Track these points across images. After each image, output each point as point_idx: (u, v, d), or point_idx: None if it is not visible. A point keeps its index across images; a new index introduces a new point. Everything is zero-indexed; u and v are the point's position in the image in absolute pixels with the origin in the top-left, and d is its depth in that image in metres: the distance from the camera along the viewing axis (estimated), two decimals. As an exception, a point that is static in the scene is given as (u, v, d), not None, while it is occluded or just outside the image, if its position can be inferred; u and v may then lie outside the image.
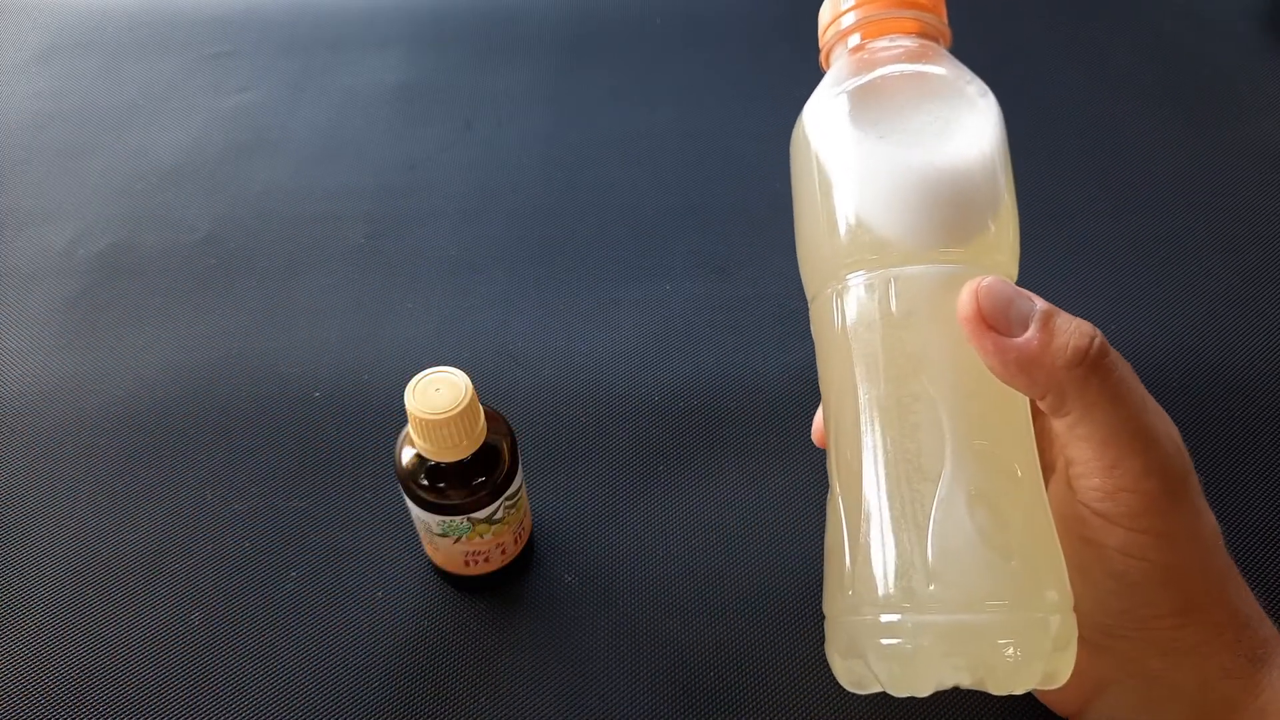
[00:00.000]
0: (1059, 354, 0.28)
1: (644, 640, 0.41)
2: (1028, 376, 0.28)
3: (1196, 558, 0.30)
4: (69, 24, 0.73)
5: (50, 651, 0.41)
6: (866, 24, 0.32)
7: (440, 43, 0.71)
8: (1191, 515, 0.30)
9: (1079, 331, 0.28)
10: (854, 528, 0.31)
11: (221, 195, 0.61)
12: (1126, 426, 0.29)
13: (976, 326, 0.28)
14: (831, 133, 0.32)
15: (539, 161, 0.62)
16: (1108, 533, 0.29)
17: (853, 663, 0.30)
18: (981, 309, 0.28)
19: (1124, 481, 0.29)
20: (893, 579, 0.29)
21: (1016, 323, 0.28)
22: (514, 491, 0.39)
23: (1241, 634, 0.30)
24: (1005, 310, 0.28)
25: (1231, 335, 0.52)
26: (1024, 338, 0.28)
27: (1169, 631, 0.30)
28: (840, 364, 0.32)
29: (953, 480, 0.29)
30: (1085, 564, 0.30)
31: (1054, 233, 0.57)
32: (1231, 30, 0.70)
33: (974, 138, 0.31)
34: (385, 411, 0.49)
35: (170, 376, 0.51)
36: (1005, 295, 0.28)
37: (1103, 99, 0.65)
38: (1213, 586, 0.30)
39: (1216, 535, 0.31)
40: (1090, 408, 0.28)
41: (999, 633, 0.28)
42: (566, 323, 0.53)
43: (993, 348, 0.28)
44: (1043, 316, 0.28)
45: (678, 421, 0.49)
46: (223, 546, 0.45)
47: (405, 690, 0.40)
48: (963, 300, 0.28)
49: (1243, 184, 0.60)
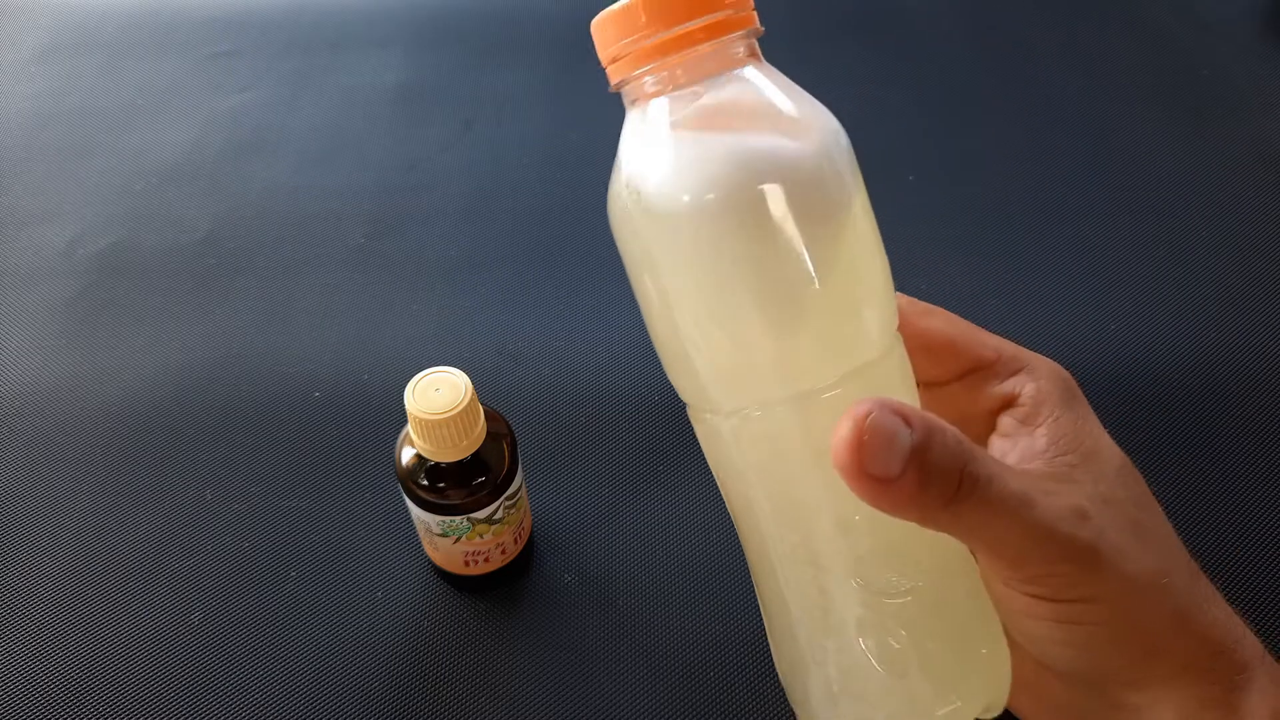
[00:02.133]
0: (932, 498, 0.26)
1: (643, 639, 0.41)
2: (901, 513, 0.27)
3: (1141, 608, 0.29)
4: (69, 24, 0.73)
5: (50, 651, 0.41)
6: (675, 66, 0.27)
7: (440, 43, 0.71)
8: (1116, 577, 0.29)
9: (950, 464, 0.27)
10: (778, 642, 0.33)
11: (221, 195, 0.61)
12: (1012, 534, 0.28)
13: (854, 473, 0.26)
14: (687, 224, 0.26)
15: (539, 161, 0.62)
16: (1043, 608, 0.29)
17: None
18: (862, 457, 0.25)
19: (1035, 572, 0.29)
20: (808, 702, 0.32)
21: (895, 463, 0.26)
22: (514, 491, 0.39)
23: (1215, 662, 0.30)
24: (886, 451, 0.26)
25: (1231, 335, 0.52)
26: (898, 482, 0.26)
27: (1136, 675, 0.30)
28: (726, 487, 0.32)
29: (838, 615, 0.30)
30: (1034, 638, 0.30)
31: (1054, 233, 0.57)
32: (1231, 30, 0.70)
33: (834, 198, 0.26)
34: (385, 411, 0.49)
35: (170, 376, 0.51)
36: (885, 434, 0.26)
37: (1103, 99, 0.65)
38: (1170, 627, 0.30)
39: (1160, 575, 0.30)
40: (970, 530, 0.28)
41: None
42: (566, 323, 0.53)
43: (867, 493, 0.26)
44: (916, 455, 0.26)
45: (678, 421, 0.49)
46: (223, 546, 0.45)
47: (405, 690, 0.40)
48: (840, 443, 0.26)
49: (1243, 184, 0.60)
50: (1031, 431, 0.32)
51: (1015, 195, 0.59)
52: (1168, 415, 0.48)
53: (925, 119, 0.64)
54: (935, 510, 0.27)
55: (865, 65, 0.68)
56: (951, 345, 0.34)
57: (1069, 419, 0.32)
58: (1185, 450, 0.47)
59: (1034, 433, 0.32)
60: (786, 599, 0.31)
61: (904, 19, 0.72)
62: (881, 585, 0.29)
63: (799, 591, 0.30)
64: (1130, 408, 0.48)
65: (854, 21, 0.71)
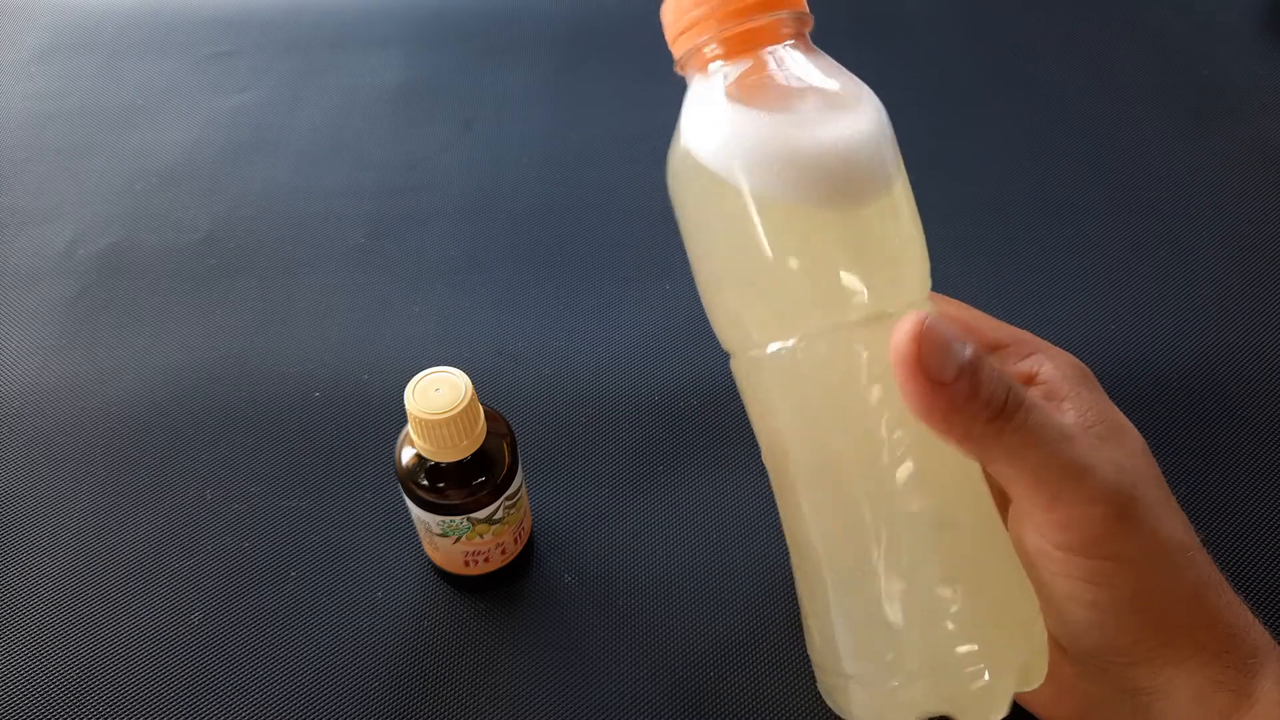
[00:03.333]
0: (982, 407, 0.27)
1: (643, 639, 0.42)
2: (947, 424, 0.27)
3: (1164, 576, 0.30)
4: (69, 24, 0.73)
5: (50, 651, 0.41)
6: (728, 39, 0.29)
7: (440, 43, 0.71)
8: (1149, 536, 0.29)
9: (998, 385, 0.28)
10: (812, 595, 0.32)
11: (221, 195, 0.61)
12: (1053, 464, 0.28)
13: (910, 369, 0.27)
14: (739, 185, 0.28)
15: (539, 161, 0.62)
16: (1070, 565, 0.29)
17: (839, 706, 0.32)
18: (921, 353, 0.27)
19: (1068, 515, 0.29)
20: (854, 650, 0.30)
21: (950, 367, 0.27)
22: (514, 491, 0.39)
23: (1229, 644, 0.30)
24: (942, 355, 0.27)
25: (1232, 335, 0.52)
26: (951, 387, 0.27)
27: (1152, 651, 0.30)
28: (776, 429, 0.31)
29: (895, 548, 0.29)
30: (1055, 598, 0.30)
31: (1054, 233, 0.57)
32: (1231, 30, 0.70)
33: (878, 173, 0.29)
34: (385, 411, 0.49)
35: (170, 376, 0.51)
36: (943, 338, 0.27)
37: (1103, 99, 0.65)
38: (1188, 602, 0.30)
39: (1185, 548, 0.30)
40: (1012, 452, 0.28)
41: (967, 678, 0.29)
42: (566, 323, 0.53)
43: (920, 392, 0.27)
44: (970, 366, 0.27)
45: (678, 421, 0.49)
46: (223, 546, 0.45)
47: (405, 690, 0.40)
48: (901, 339, 0.27)
49: (1243, 184, 0.60)
50: (1058, 405, 0.32)
51: (1015, 195, 0.59)
52: (1167, 415, 0.48)
53: (925, 119, 0.64)
54: (981, 424, 0.27)
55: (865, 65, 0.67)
56: (967, 326, 0.34)
57: (1091, 396, 0.32)
58: (1185, 450, 0.47)
59: (1060, 406, 0.32)
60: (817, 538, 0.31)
61: (904, 19, 0.72)
62: (917, 522, 0.29)
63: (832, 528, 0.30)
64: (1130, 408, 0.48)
65: (854, 21, 0.71)
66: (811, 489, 0.31)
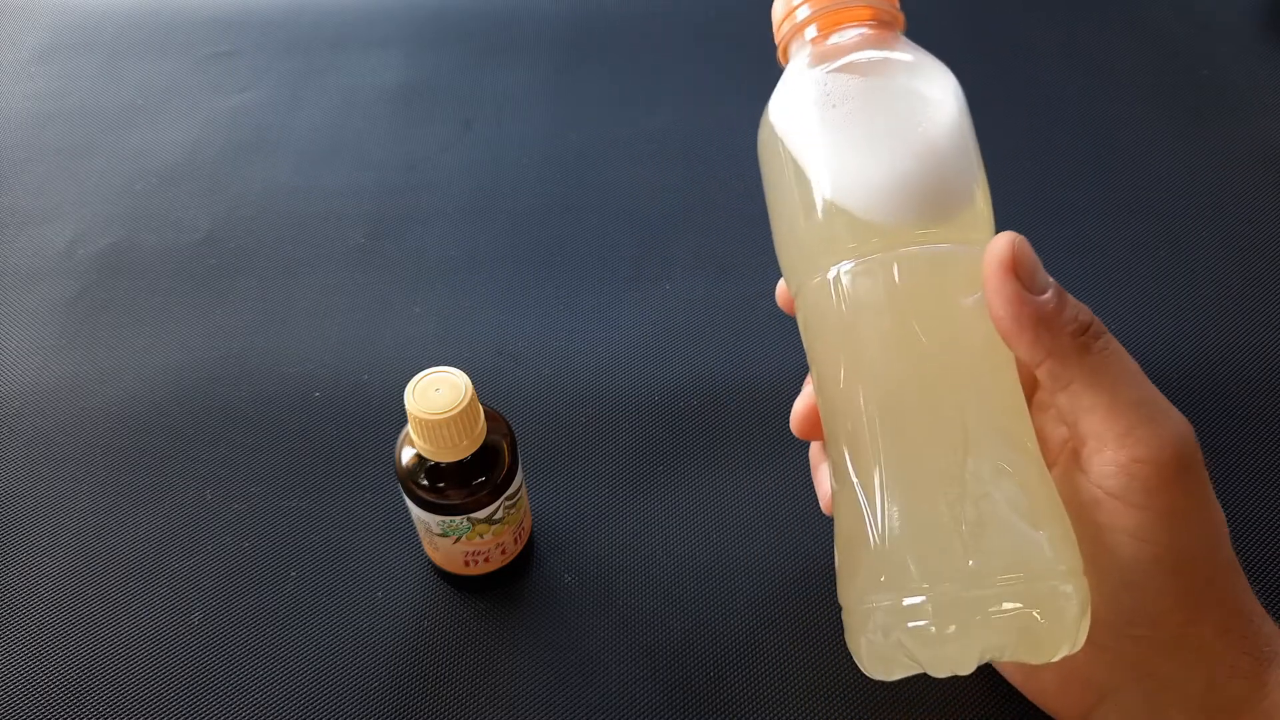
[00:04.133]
0: (1069, 321, 0.29)
1: (644, 639, 0.42)
2: (1034, 335, 0.29)
3: (1206, 544, 0.30)
4: (69, 24, 0.73)
5: (50, 651, 0.41)
6: (822, 15, 0.33)
7: (440, 43, 0.71)
8: (1203, 497, 0.30)
9: (1083, 309, 0.30)
10: (875, 512, 0.30)
11: (221, 195, 0.61)
12: (1133, 394, 0.29)
13: (1004, 274, 0.28)
14: (800, 123, 0.32)
15: (539, 161, 0.62)
16: (1120, 515, 0.29)
17: (883, 648, 0.29)
18: (1016, 258, 0.28)
19: (1139, 451, 0.29)
20: (927, 559, 0.28)
21: (1040, 281, 0.29)
22: (514, 491, 0.39)
23: (1247, 630, 0.30)
24: (1035, 268, 0.29)
25: (1232, 335, 0.52)
26: (1043, 298, 0.29)
27: (1178, 629, 0.30)
28: (840, 352, 0.32)
29: (976, 457, 0.29)
30: (1095, 555, 0.30)
31: (1054, 233, 0.57)
32: (1231, 30, 0.70)
33: (943, 114, 0.31)
34: (385, 411, 0.49)
35: (170, 376, 0.51)
36: (1034, 257, 0.29)
37: (1103, 99, 0.65)
38: (1221, 578, 0.30)
39: (1224, 526, 0.31)
40: (1095, 374, 0.29)
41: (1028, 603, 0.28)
42: (566, 323, 0.53)
43: (1013, 297, 0.28)
44: (1057, 286, 0.29)
45: (678, 421, 0.49)
46: (223, 546, 0.45)
47: (405, 690, 0.40)
48: (998, 247, 0.29)
49: (1243, 184, 0.60)
50: None
51: (1015, 195, 0.59)
52: (1168, 415, 0.48)
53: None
54: (1067, 338, 0.29)
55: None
56: None
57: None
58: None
59: None
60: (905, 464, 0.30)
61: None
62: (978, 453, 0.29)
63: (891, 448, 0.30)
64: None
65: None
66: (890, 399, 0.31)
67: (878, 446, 0.30)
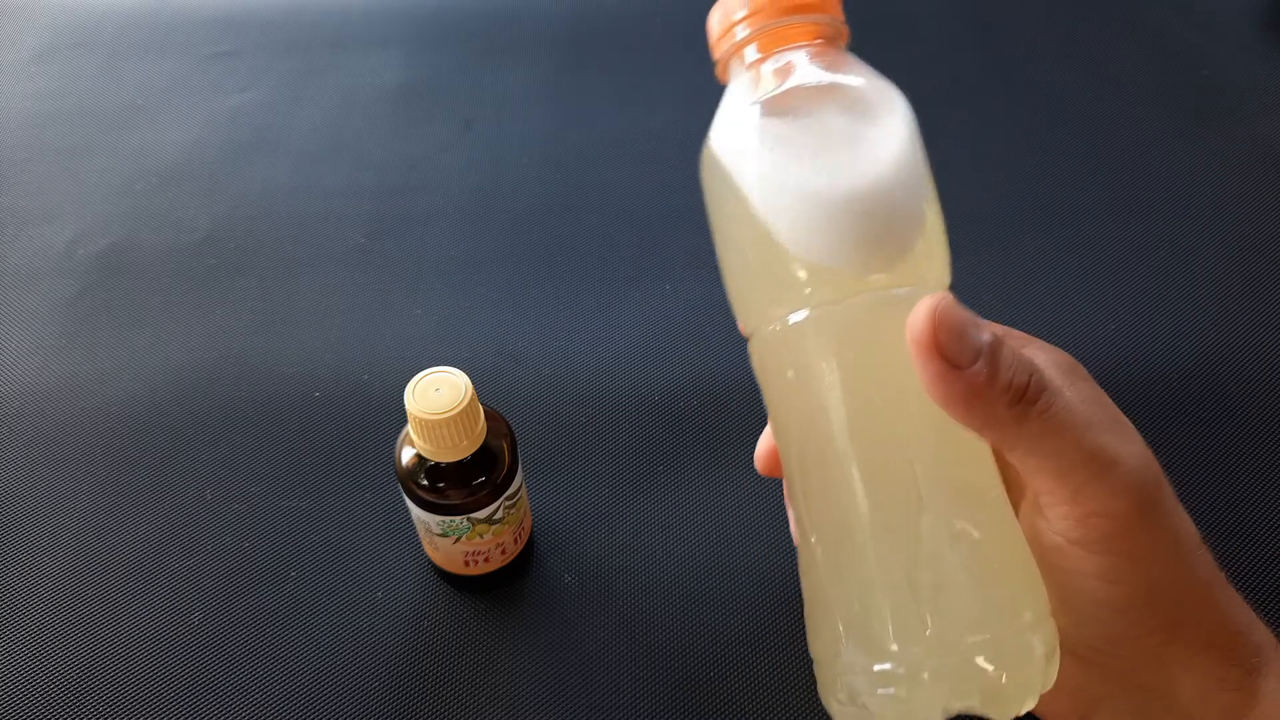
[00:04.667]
0: (1003, 391, 0.26)
1: (643, 639, 0.41)
2: (965, 410, 0.27)
3: (1177, 573, 0.29)
4: (69, 24, 0.73)
5: (50, 651, 0.41)
6: (763, 35, 0.30)
7: (440, 43, 0.71)
8: (1166, 531, 0.29)
9: (1020, 369, 0.27)
10: (834, 575, 0.30)
11: (221, 195, 0.61)
12: (1079, 454, 0.28)
13: (928, 353, 0.26)
14: (742, 163, 0.30)
15: (539, 161, 0.62)
16: (1084, 560, 0.29)
17: (853, 712, 0.30)
18: (937, 335, 0.26)
19: (1091, 506, 0.28)
20: (885, 628, 0.28)
21: (968, 352, 0.26)
22: (514, 491, 0.39)
23: (1234, 642, 0.30)
24: (960, 337, 0.26)
25: (1232, 335, 0.52)
26: (972, 370, 0.26)
27: (1159, 647, 0.30)
28: (790, 407, 0.31)
29: (932, 514, 0.28)
30: (1066, 593, 0.30)
31: (1054, 233, 0.57)
32: (1231, 30, 0.70)
33: (892, 149, 0.29)
34: (385, 411, 0.49)
35: (170, 376, 0.51)
36: (961, 321, 0.26)
37: (1103, 99, 0.65)
38: (1199, 598, 0.30)
39: (1196, 544, 0.30)
40: (1036, 440, 0.27)
41: (992, 663, 0.28)
42: (566, 323, 0.53)
43: (939, 375, 0.26)
44: (990, 349, 0.26)
45: (678, 421, 0.49)
46: (223, 546, 0.45)
47: (405, 690, 0.40)
48: (917, 322, 0.26)
49: (1243, 184, 0.60)
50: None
51: (1015, 195, 0.59)
52: (1167, 415, 0.48)
53: (924, 119, 0.64)
54: (1002, 409, 0.26)
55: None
56: None
57: (1087, 387, 0.32)
58: (1185, 450, 0.47)
59: None
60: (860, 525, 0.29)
61: (903, 19, 0.72)
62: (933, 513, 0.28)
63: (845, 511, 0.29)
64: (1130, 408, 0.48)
65: (853, 21, 0.71)
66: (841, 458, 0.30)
67: (831, 508, 0.30)
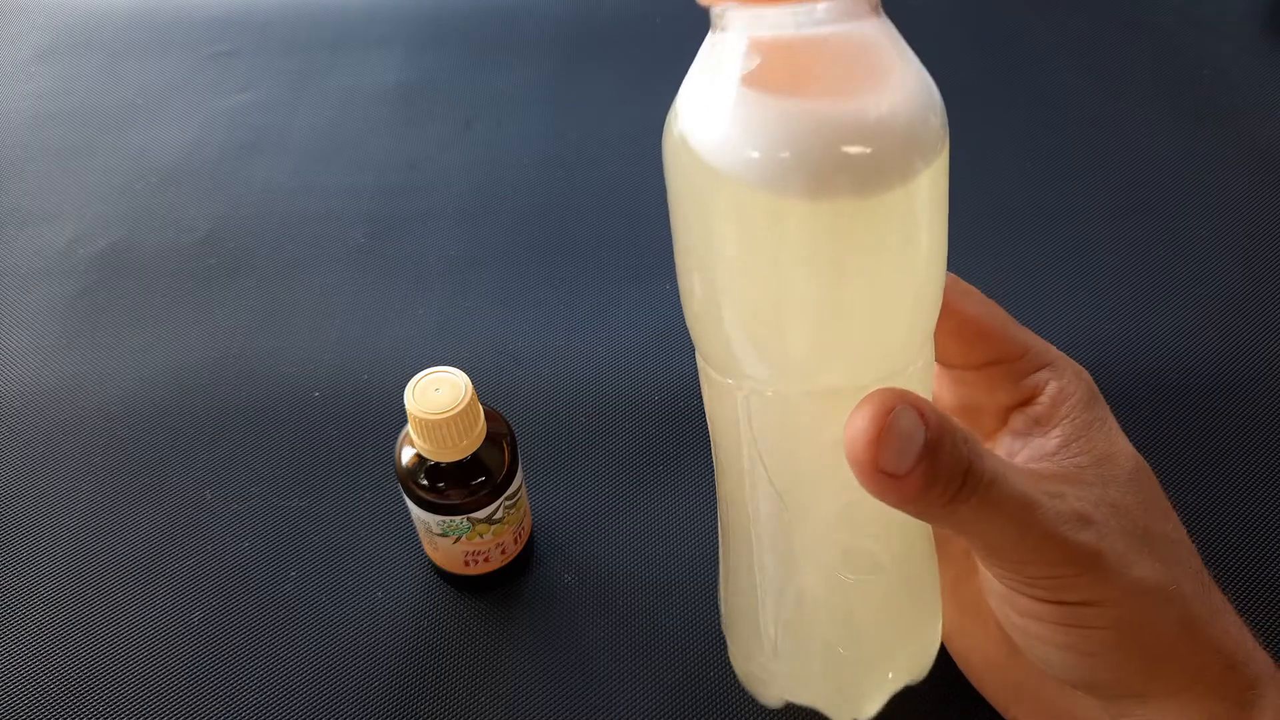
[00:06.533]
0: (938, 497, 0.26)
1: (643, 639, 0.41)
2: (901, 506, 0.26)
3: (1147, 614, 0.29)
4: (69, 24, 0.73)
5: (50, 651, 0.41)
6: None
7: (440, 43, 0.71)
8: (1123, 581, 0.28)
9: (955, 466, 0.26)
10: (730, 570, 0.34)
11: (221, 195, 0.61)
12: (1011, 536, 0.27)
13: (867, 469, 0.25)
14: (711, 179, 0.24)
15: (539, 161, 0.62)
16: (1045, 611, 0.29)
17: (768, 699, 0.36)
18: (877, 456, 0.25)
19: (1038, 571, 0.28)
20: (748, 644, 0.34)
21: (905, 462, 0.25)
22: (514, 491, 0.39)
23: (1226, 676, 0.29)
24: (899, 451, 0.25)
25: (1232, 335, 0.52)
26: (905, 479, 0.25)
27: (1142, 685, 0.29)
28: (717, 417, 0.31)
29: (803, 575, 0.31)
30: (1037, 640, 0.30)
31: (1054, 233, 0.57)
32: (1231, 30, 0.70)
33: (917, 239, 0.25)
34: (385, 411, 0.49)
35: (170, 376, 0.51)
36: (902, 434, 0.25)
37: (1103, 99, 0.65)
38: (1178, 636, 0.29)
39: (1163, 587, 0.29)
40: (966, 528, 0.27)
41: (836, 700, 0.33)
42: (566, 323, 0.53)
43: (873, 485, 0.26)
44: (928, 450, 0.25)
45: (678, 421, 0.49)
46: (223, 546, 0.45)
47: (405, 690, 0.40)
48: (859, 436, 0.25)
49: (1243, 184, 0.60)
50: (1045, 431, 0.32)
51: (1015, 195, 0.59)
52: (1167, 415, 0.48)
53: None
54: (936, 508, 0.26)
55: (865, 65, 0.68)
56: (982, 335, 0.33)
57: (1085, 420, 0.31)
58: (1185, 451, 0.47)
59: (1047, 433, 0.31)
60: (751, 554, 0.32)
61: (903, 18, 0.72)
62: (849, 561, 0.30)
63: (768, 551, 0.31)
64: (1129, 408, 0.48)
65: (854, 21, 0.71)
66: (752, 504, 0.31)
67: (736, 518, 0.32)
